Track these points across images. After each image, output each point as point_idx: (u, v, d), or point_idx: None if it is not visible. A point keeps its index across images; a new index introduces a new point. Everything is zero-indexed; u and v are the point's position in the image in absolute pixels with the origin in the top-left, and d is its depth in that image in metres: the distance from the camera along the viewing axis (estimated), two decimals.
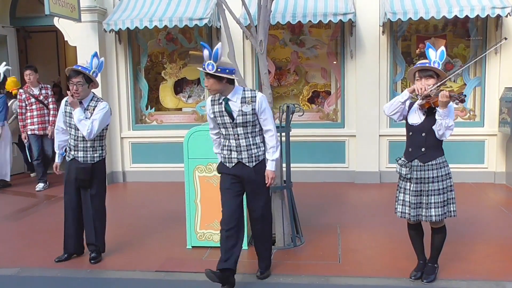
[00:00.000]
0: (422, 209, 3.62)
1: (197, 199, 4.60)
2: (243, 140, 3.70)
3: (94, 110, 4.21)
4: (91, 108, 4.22)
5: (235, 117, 3.66)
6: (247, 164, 3.72)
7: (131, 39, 7.88)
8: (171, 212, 5.87)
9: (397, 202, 3.74)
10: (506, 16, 6.43)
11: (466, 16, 6.41)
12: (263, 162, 3.79)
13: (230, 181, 3.76)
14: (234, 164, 3.74)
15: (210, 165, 4.50)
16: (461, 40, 7.31)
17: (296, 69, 7.84)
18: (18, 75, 8.29)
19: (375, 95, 7.22)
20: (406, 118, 3.69)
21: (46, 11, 6.50)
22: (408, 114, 3.68)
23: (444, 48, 3.58)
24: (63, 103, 4.32)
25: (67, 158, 4.37)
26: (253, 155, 3.72)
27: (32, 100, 7.29)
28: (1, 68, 7.57)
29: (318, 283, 3.87)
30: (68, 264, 4.38)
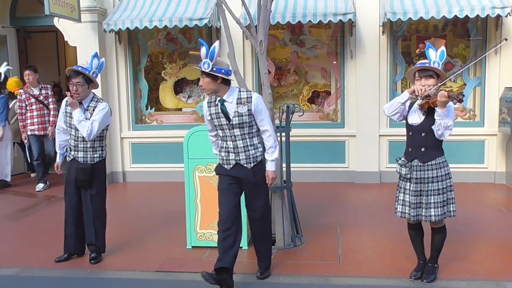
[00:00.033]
0: (422, 209, 3.62)
1: (197, 199, 4.60)
2: (240, 141, 3.68)
3: (94, 110, 4.21)
4: (91, 109, 4.22)
5: (231, 118, 3.64)
6: (245, 165, 3.71)
7: (131, 39, 7.88)
8: (171, 212, 5.87)
9: (397, 202, 3.74)
10: (506, 16, 6.43)
11: (466, 16, 6.41)
12: (262, 163, 3.77)
13: (228, 182, 3.75)
14: (232, 166, 3.73)
15: (210, 165, 4.50)
16: (461, 40, 7.31)
17: (296, 69, 7.84)
18: (18, 75, 8.27)
19: (375, 95, 7.22)
20: (406, 118, 3.70)
21: (46, 11, 6.50)
22: (408, 114, 3.68)
23: (444, 48, 3.58)
24: (63, 103, 4.32)
25: (67, 158, 4.38)
26: (251, 156, 3.71)
27: (32, 100, 7.29)
28: (2, 68, 7.57)
29: (318, 283, 3.87)
30: (68, 264, 4.38)
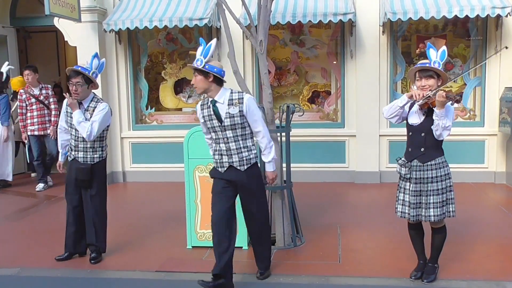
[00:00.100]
0: (421, 209, 3.62)
1: (197, 199, 4.60)
2: (233, 143, 3.64)
3: (94, 111, 4.21)
4: (91, 109, 4.22)
5: (223, 119, 3.61)
6: (239, 167, 3.66)
7: (131, 39, 7.88)
8: (171, 212, 5.87)
9: (397, 202, 3.75)
10: (506, 16, 6.43)
11: (466, 16, 6.41)
12: (255, 165, 3.73)
13: (222, 185, 3.70)
14: (226, 169, 3.68)
15: (210, 165, 4.44)
16: (461, 40, 7.31)
17: (296, 69, 7.84)
18: (18, 75, 8.27)
19: (375, 95, 7.22)
20: (407, 118, 3.70)
21: (46, 11, 6.50)
22: (408, 114, 3.68)
23: (445, 48, 3.58)
24: (65, 103, 4.32)
25: (69, 158, 4.39)
26: (244, 158, 3.66)
27: (33, 100, 7.28)
28: (4, 67, 7.57)
29: (318, 283, 3.87)
30: (68, 264, 4.39)
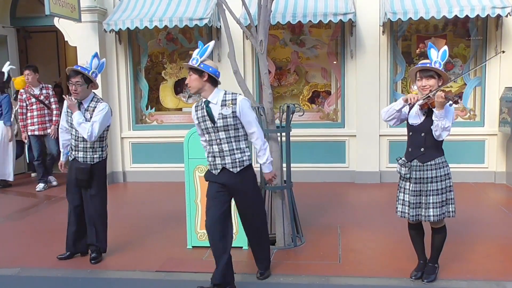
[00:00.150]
0: (421, 209, 3.62)
1: (198, 199, 4.60)
2: (226, 144, 3.61)
3: (94, 111, 4.20)
4: (91, 109, 4.21)
5: (215, 120, 3.59)
6: (231, 169, 3.62)
7: (131, 39, 7.88)
8: (171, 212, 5.87)
9: (398, 202, 3.75)
10: (506, 16, 6.43)
11: (466, 16, 6.41)
12: (249, 167, 3.70)
13: (216, 189, 3.67)
14: (219, 171, 3.65)
15: None
16: (461, 40, 7.31)
17: (296, 69, 7.84)
18: (18, 75, 8.27)
19: (375, 95, 7.22)
20: (407, 118, 3.71)
21: (46, 11, 6.50)
22: (408, 114, 3.69)
23: (446, 48, 3.58)
24: (65, 103, 4.31)
25: (70, 158, 4.39)
26: (237, 160, 3.62)
27: (33, 100, 7.28)
28: (5, 67, 7.57)
29: (318, 283, 3.87)
30: (68, 264, 4.39)
